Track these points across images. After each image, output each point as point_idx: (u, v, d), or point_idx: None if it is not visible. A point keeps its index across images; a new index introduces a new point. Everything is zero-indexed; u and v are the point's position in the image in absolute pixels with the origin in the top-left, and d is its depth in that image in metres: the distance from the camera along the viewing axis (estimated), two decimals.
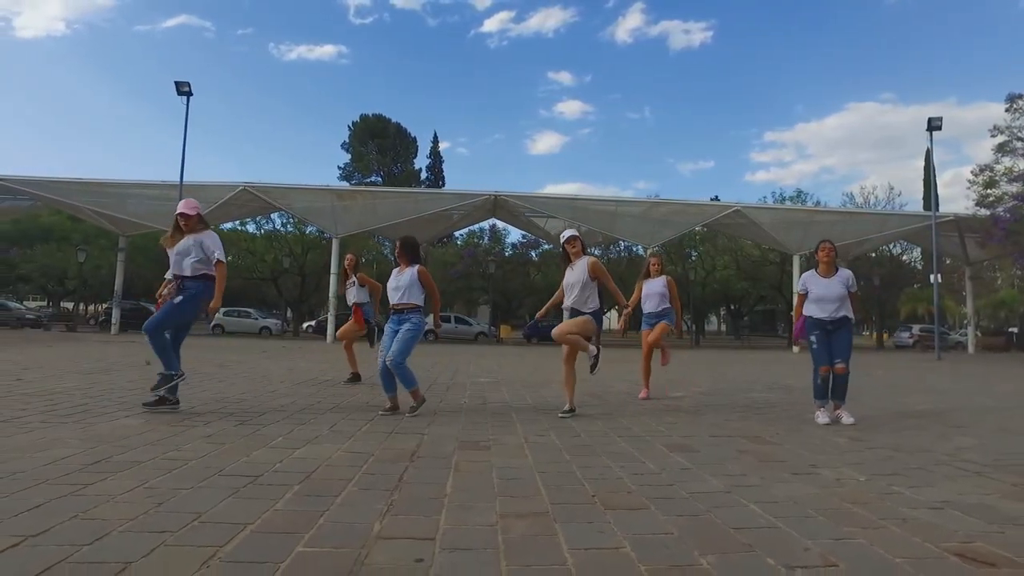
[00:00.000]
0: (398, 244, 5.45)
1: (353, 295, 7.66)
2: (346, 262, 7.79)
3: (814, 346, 5.35)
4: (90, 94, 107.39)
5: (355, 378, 7.55)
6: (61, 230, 35.43)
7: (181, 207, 5.17)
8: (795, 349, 23.47)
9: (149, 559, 1.90)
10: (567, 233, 5.45)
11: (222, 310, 32.96)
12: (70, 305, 44.63)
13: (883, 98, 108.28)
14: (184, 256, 5.00)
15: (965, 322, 28.26)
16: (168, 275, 5.11)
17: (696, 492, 2.85)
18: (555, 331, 5.24)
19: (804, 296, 5.47)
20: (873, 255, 31.87)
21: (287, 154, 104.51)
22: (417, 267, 5.28)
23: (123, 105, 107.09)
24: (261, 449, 3.59)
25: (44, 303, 45.57)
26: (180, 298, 4.95)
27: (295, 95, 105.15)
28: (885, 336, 38.72)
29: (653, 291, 6.87)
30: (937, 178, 38.42)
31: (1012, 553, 2.11)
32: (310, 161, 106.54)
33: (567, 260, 5.38)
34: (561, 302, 5.42)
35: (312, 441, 3.89)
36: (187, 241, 5.03)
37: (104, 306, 35.30)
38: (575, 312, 5.29)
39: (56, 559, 1.87)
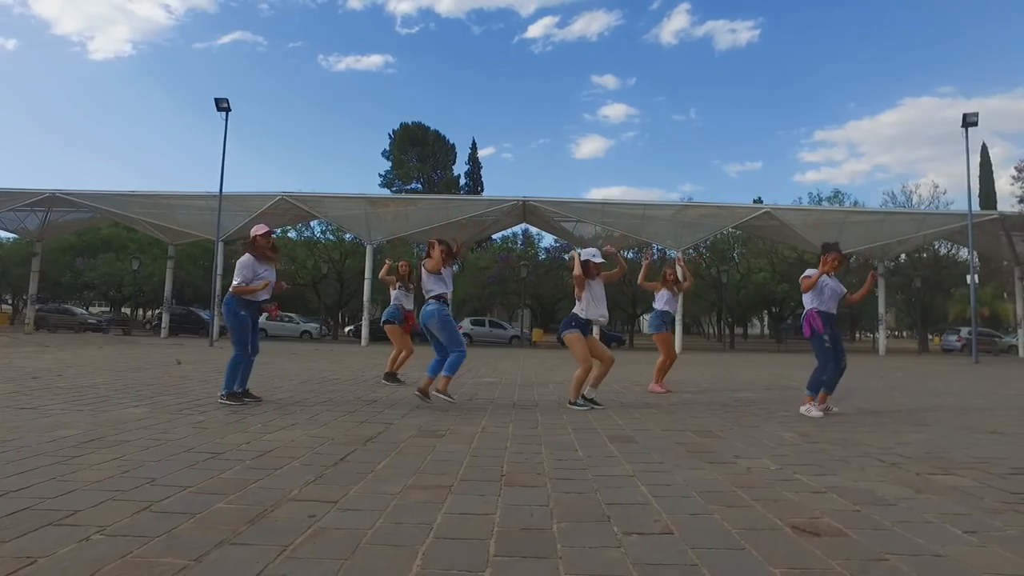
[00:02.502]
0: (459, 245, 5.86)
1: (411, 301, 7.99)
2: (401, 268, 8.15)
3: (827, 344, 5.57)
4: (153, 110, 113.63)
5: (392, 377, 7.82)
6: (119, 240, 37.74)
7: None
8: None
9: (95, 509, 2.33)
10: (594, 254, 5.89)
11: (264, 314, 34.62)
12: (129, 310, 47.33)
13: (942, 92, 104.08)
14: None
15: (1017, 325, 26.89)
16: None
17: (601, 475, 3.13)
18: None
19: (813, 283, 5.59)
20: (918, 256, 30.75)
21: (335, 162, 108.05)
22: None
23: (182, 118, 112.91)
24: (237, 433, 4.04)
25: (107, 309, 48.47)
26: None
27: (343, 104, 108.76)
28: (936, 339, 37.23)
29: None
30: (999, 174, 36.76)
31: (844, 525, 2.33)
32: (356, 169, 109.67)
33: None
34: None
35: (286, 428, 4.32)
36: None
37: (157, 311, 37.30)
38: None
39: (23, 507, 2.32)
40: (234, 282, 5.50)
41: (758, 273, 34.49)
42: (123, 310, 45.72)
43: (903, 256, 31.03)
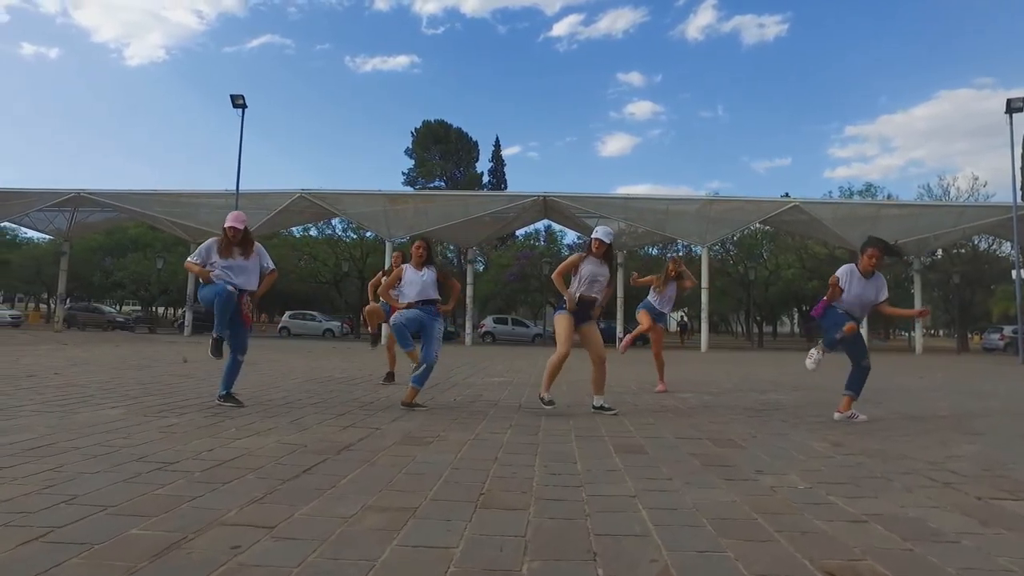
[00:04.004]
0: (425, 245, 5.50)
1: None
2: (394, 260, 7.62)
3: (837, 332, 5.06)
4: (184, 112, 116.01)
5: (391, 377, 7.46)
6: (145, 239, 38.28)
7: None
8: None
9: None
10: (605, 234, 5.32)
11: (288, 313, 34.68)
12: (160, 309, 48.15)
13: (979, 83, 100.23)
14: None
15: None
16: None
17: (598, 495, 2.68)
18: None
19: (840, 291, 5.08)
20: (956, 251, 29.38)
21: (361, 161, 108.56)
22: (435, 269, 5.44)
23: (212, 120, 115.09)
24: (204, 439, 3.68)
25: (138, 307, 49.35)
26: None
27: (369, 105, 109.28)
28: (976, 338, 35.70)
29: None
30: None
31: (894, 572, 1.84)
32: (381, 168, 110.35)
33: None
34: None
35: (261, 432, 3.96)
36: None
37: (182, 309, 37.76)
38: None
39: None
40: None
41: (787, 270, 33.44)
42: (153, 308, 46.50)
43: (940, 251, 29.71)
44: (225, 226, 5.05)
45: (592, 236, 5.38)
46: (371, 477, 2.89)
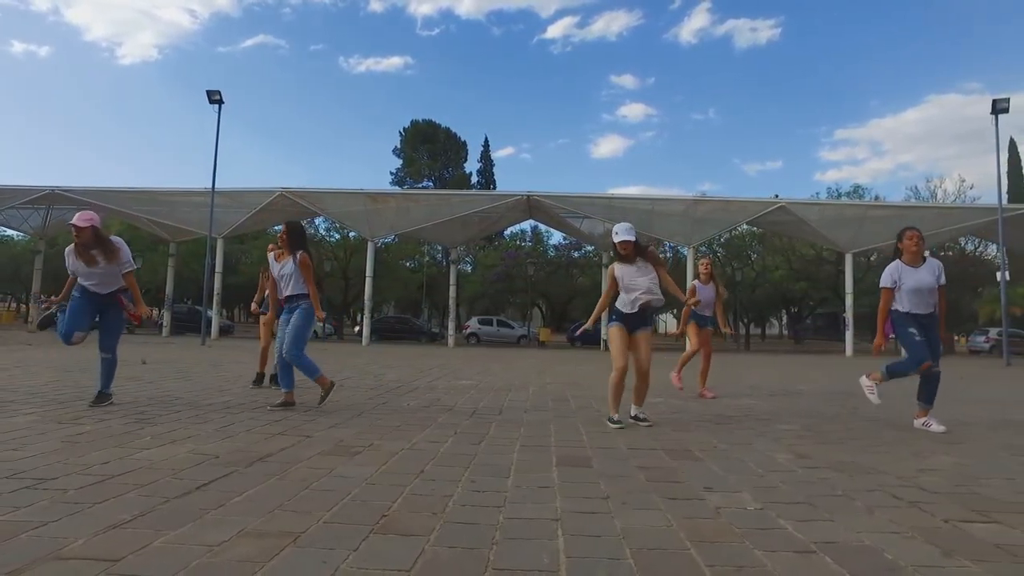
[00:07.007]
0: (286, 229, 5.26)
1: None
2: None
3: (916, 338, 4.67)
4: (177, 112, 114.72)
5: (260, 379, 6.85)
6: (126, 238, 37.66)
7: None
8: (848, 352, 21.79)
9: None
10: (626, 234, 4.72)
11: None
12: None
13: (967, 88, 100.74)
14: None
15: None
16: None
17: (516, 518, 2.37)
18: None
19: (892, 291, 4.81)
20: (942, 252, 29.34)
21: (354, 163, 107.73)
22: (300, 255, 5.14)
23: (205, 120, 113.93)
24: (108, 449, 3.34)
25: None
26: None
27: (362, 105, 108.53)
28: (962, 340, 35.77)
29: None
30: None
31: None
32: (373, 168, 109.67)
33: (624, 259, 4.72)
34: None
35: (178, 440, 3.63)
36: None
37: (160, 310, 37.16)
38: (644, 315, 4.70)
39: None
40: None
41: (775, 271, 33.32)
42: None
43: (927, 252, 29.65)
44: (71, 223, 4.74)
45: (622, 239, 4.70)
46: (270, 494, 2.57)
